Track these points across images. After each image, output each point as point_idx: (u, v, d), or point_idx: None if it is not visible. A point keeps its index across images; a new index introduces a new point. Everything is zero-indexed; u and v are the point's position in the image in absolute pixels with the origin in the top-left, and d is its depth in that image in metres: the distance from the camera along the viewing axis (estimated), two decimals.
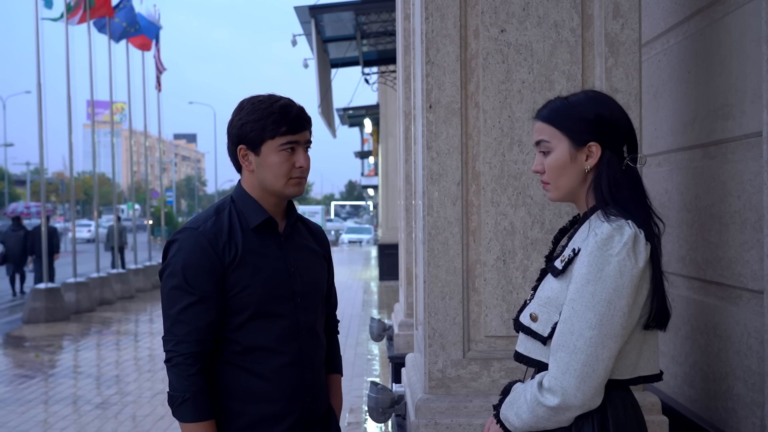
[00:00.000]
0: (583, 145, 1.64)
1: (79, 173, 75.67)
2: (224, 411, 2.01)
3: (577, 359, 1.52)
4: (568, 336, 1.54)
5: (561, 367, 1.54)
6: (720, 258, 2.41)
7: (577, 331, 1.53)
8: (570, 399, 1.52)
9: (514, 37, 2.29)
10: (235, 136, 2.05)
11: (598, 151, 1.63)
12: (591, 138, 1.63)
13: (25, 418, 6.30)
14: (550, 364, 1.57)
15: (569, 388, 1.52)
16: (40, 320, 11.70)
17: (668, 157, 2.86)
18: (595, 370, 1.52)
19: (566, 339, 1.54)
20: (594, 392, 1.53)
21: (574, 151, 1.65)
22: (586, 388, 1.52)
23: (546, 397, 1.55)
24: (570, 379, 1.52)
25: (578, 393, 1.52)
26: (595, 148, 1.63)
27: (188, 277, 1.96)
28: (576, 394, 1.52)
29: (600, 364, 1.52)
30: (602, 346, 1.52)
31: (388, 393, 2.69)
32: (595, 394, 1.54)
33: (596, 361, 1.52)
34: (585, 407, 1.54)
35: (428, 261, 2.30)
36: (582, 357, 1.52)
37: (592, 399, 1.54)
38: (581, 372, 1.52)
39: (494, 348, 2.30)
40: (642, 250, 1.54)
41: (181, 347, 1.95)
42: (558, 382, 1.54)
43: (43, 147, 12.54)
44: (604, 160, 1.63)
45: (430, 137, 2.30)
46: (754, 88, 2.18)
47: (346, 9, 10.00)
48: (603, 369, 1.53)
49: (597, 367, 1.52)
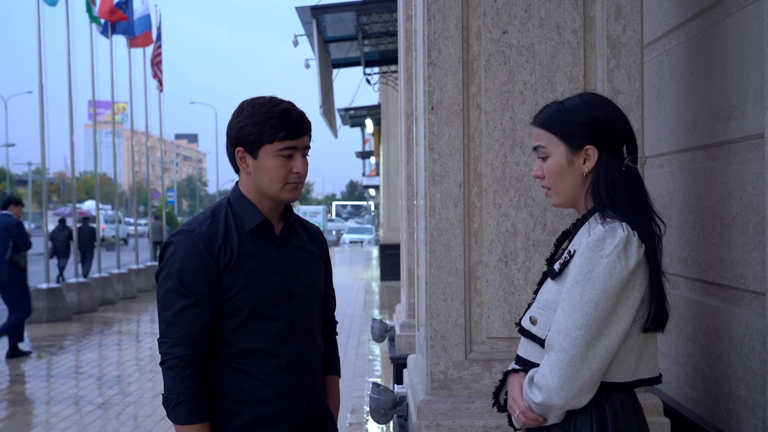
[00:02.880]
0: (580, 149, 1.64)
1: (81, 173, 75.74)
2: (219, 412, 2.01)
3: (562, 359, 1.53)
4: (556, 335, 1.56)
5: (549, 365, 1.56)
6: (722, 259, 2.41)
7: (564, 331, 1.54)
8: (553, 398, 1.54)
9: (516, 39, 2.29)
10: (234, 138, 2.04)
11: (595, 154, 1.64)
12: (587, 141, 1.64)
13: (28, 418, 6.31)
14: (542, 362, 1.60)
15: (553, 387, 1.54)
16: (42, 320, 11.70)
17: (670, 158, 2.86)
18: (579, 370, 1.52)
19: (554, 338, 1.56)
20: (578, 392, 1.54)
21: (571, 155, 1.65)
22: (569, 388, 1.53)
23: (533, 393, 1.58)
24: (554, 378, 1.54)
25: (561, 392, 1.53)
26: (591, 152, 1.64)
27: (183, 279, 1.97)
28: (559, 393, 1.53)
29: (585, 364, 1.52)
30: (588, 347, 1.52)
31: (390, 394, 2.69)
32: (579, 393, 1.54)
33: (581, 362, 1.52)
34: (568, 406, 1.55)
35: (430, 262, 2.30)
36: (567, 357, 1.53)
37: (576, 398, 1.54)
38: (565, 372, 1.53)
39: (496, 349, 2.30)
40: (634, 252, 1.54)
41: (176, 350, 1.95)
42: (544, 380, 1.56)
43: (45, 147, 12.56)
44: (601, 162, 1.64)
45: (432, 139, 2.30)
46: (756, 90, 2.18)
47: (348, 9, 10.01)
48: (589, 369, 1.53)
49: (581, 367, 1.52)
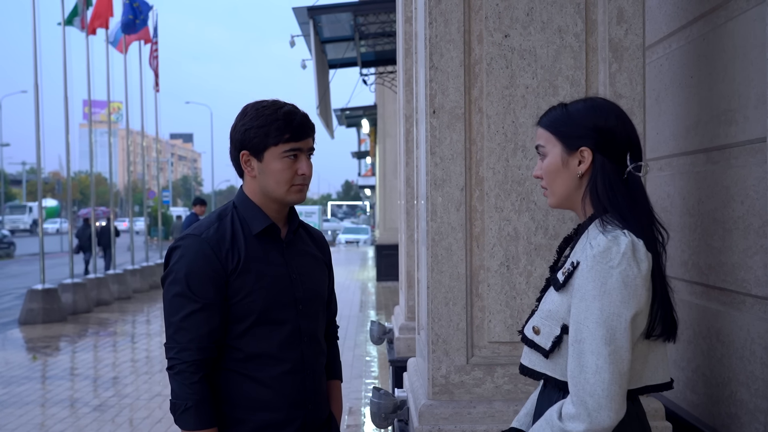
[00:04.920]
0: (575, 150, 1.64)
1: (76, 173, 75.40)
2: (227, 418, 2.00)
3: (603, 378, 1.48)
4: (588, 356, 1.49)
5: (587, 390, 1.48)
6: (723, 263, 2.41)
7: (596, 351, 1.49)
8: (604, 420, 1.47)
9: (518, 43, 2.29)
10: (238, 142, 2.03)
11: (589, 156, 1.63)
12: (583, 143, 1.63)
13: (23, 420, 6.28)
14: (570, 389, 1.52)
15: (601, 410, 1.47)
16: (37, 321, 11.66)
17: (670, 161, 2.86)
18: (621, 385, 1.49)
19: (586, 359, 1.49)
20: (623, 407, 1.50)
21: (566, 155, 1.65)
22: (617, 407, 1.48)
23: (572, 425, 1.49)
24: (601, 401, 1.47)
25: (611, 413, 1.48)
26: (586, 153, 1.63)
27: (191, 284, 1.95)
28: (610, 414, 1.47)
29: (623, 378, 1.49)
30: (622, 360, 1.49)
31: (391, 398, 2.68)
32: (623, 408, 1.51)
33: (620, 376, 1.49)
34: (615, 424, 1.49)
35: (432, 267, 2.29)
36: (607, 376, 1.47)
37: (623, 414, 1.51)
38: (610, 390, 1.47)
39: (498, 354, 2.29)
40: (643, 258, 1.52)
41: (184, 355, 1.93)
42: (585, 407, 1.48)
43: (40, 146, 12.51)
44: (597, 165, 1.62)
45: (433, 143, 2.29)
46: (758, 94, 2.18)
47: (345, 10, 10.00)
48: (626, 382, 1.51)
49: (622, 381, 1.49)
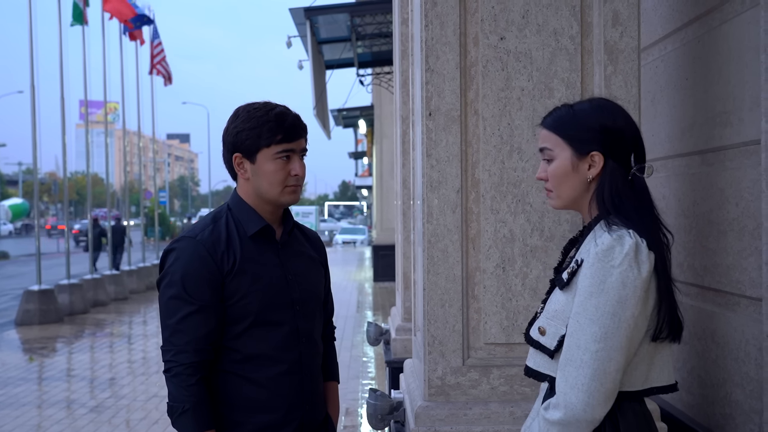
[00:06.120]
0: (586, 155, 1.63)
1: (72, 173, 75.35)
2: (225, 420, 2.00)
3: (584, 374, 1.51)
4: (575, 350, 1.53)
5: (569, 382, 1.53)
6: (718, 265, 2.42)
7: (583, 345, 1.52)
8: (579, 413, 1.52)
9: (513, 45, 2.29)
10: (231, 144, 2.04)
11: (600, 161, 1.62)
12: (594, 147, 1.62)
13: (20, 422, 6.27)
14: (557, 380, 1.57)
15: (578, 403, 1.51)
16: (34, 322, 11.65)
17: (665, 163, 2.87)
18: (603, 383, 1.51)
19: (573, 353, 1.53)
20: (602, 405, 1.53)
21: (576, 160, 1.63)
22: (594, 403, 1.51)
23: (551, 413, 1.55)
24: (578, 394, 1.51)
25: (587, 408, 1.51)
26: (597, 158, 1.62)
27: (187, 286, 1.95)
28: (585, 409, 1.51)
29: (607, 377, 1.51)
30: (609, 360, 1.51)
31: (387, 400, 2.69)
32: (603, 407, 1.53)
33: (603, 375, 1.51)
34: (596, 422, 1.53)
35: (428, 268, 2.30)
36: (589, 371, 1.51)
37: (602, 412, 1.53)
38: (589, 386, 1.51)
39: (494, 355, 2.30)
40: (645, 260, 1.52)
41: (181, 357, 1.93)
42: (564, 397, 1.53)
43: (37, 147, 12.50)
44: (607, 170, 1.62)
45: (429, 145, 2.30)
46: (753, 96, 2.19)
47: (341, 11, 10.01)
48: (611, 382, 1.52)
49: (605, 380, 1.51)
